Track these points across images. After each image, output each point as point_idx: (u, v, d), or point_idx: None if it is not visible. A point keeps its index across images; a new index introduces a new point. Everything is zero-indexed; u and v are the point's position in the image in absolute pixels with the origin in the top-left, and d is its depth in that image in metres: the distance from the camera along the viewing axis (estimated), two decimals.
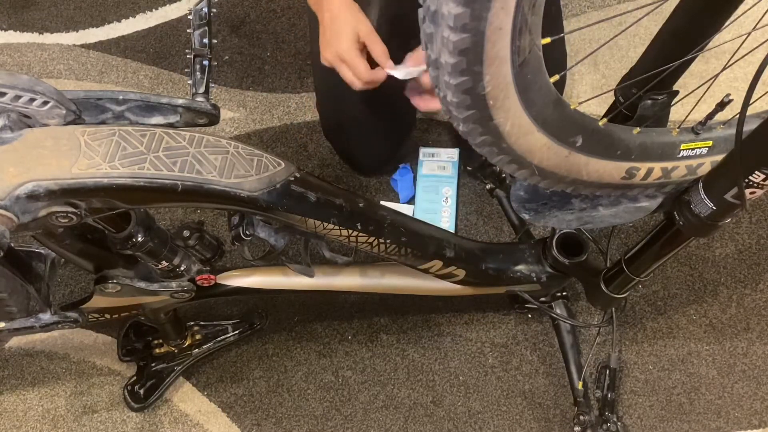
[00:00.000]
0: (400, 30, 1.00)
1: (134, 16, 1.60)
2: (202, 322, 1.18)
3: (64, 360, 1.21)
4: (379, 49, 0.94)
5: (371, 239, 0.81)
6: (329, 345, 1.22)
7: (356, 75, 0.95)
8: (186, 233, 0.83)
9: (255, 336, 1.22)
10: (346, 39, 0.93)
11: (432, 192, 1.32)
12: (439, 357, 1.20)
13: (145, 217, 0.79)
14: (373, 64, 0.96)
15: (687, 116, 0.76)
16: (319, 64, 1.27)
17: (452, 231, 1.28)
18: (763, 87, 0.58)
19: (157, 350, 1.16)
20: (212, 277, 0.96)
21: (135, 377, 1.17)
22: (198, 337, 1.17)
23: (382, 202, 0.87)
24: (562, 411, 1.15)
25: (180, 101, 0.68)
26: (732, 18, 0.72)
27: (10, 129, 0.61)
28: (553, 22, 1.21)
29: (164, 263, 0.84)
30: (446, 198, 1.31)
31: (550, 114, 0.60)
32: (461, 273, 0.95)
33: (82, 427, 1.16)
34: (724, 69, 0.67)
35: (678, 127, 0.73)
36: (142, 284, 0.88)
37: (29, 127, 0.62)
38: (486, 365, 1.19)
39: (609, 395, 1.09)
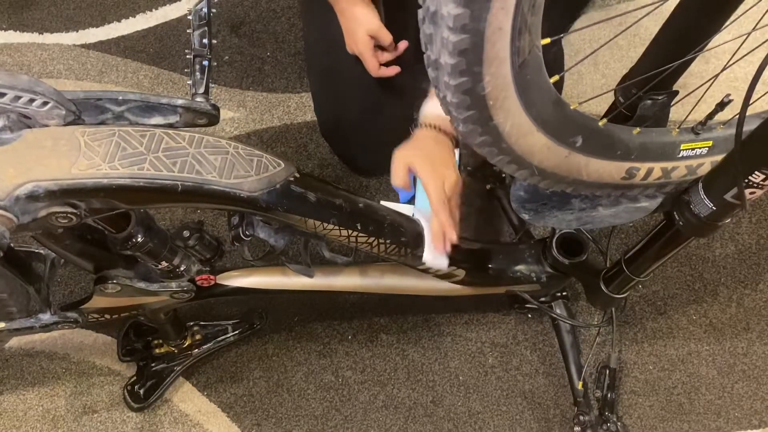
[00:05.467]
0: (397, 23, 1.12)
1: (134, 16, 1.60)
2: (202, 322, 1.18)
3: (64, 360, 1.21)
4: (387, 43, 1.07)
5: (371, 239, 0.81)
6: (329, 345, 1.22)
7: (368, 71, 1.09)
8: (186, 233, 0.83)
9: (255, 336, 1.22)
10: (360, 39, 1.05)
11: None
12: (439, 357, 1.20)
13: (144, 217, 0.79)
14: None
15: (687, 116, 0.76)
16: (315, 68, 1.28)
17: None
18: (763, 87, 0.58)
19: (157, 350, 1.16)
20: (212, 277, 0.96)
21: (135, 377, 1.17)
22: (198, 337, 1.17)
23: (382, 202, 0.86)
24: (562, 411, 1.15)
25: (180, 101, 0.68)
26: (732, 18, 0.71)
27: (9, 129, 0.61)
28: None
29: (164, 263, 0.84)
30: None
31: (549, 114, 0.60)
32: (461, 273, 0.95)
33: (82, 427, 1.16)
34: (724, 69, 0.67)
35: (678, 127, 0.73)
36: (142, 284, 0.88)
37: (29, 127, 0.62)
38: (486, 365, 1.19)
39: (609, 395, 1.09)
